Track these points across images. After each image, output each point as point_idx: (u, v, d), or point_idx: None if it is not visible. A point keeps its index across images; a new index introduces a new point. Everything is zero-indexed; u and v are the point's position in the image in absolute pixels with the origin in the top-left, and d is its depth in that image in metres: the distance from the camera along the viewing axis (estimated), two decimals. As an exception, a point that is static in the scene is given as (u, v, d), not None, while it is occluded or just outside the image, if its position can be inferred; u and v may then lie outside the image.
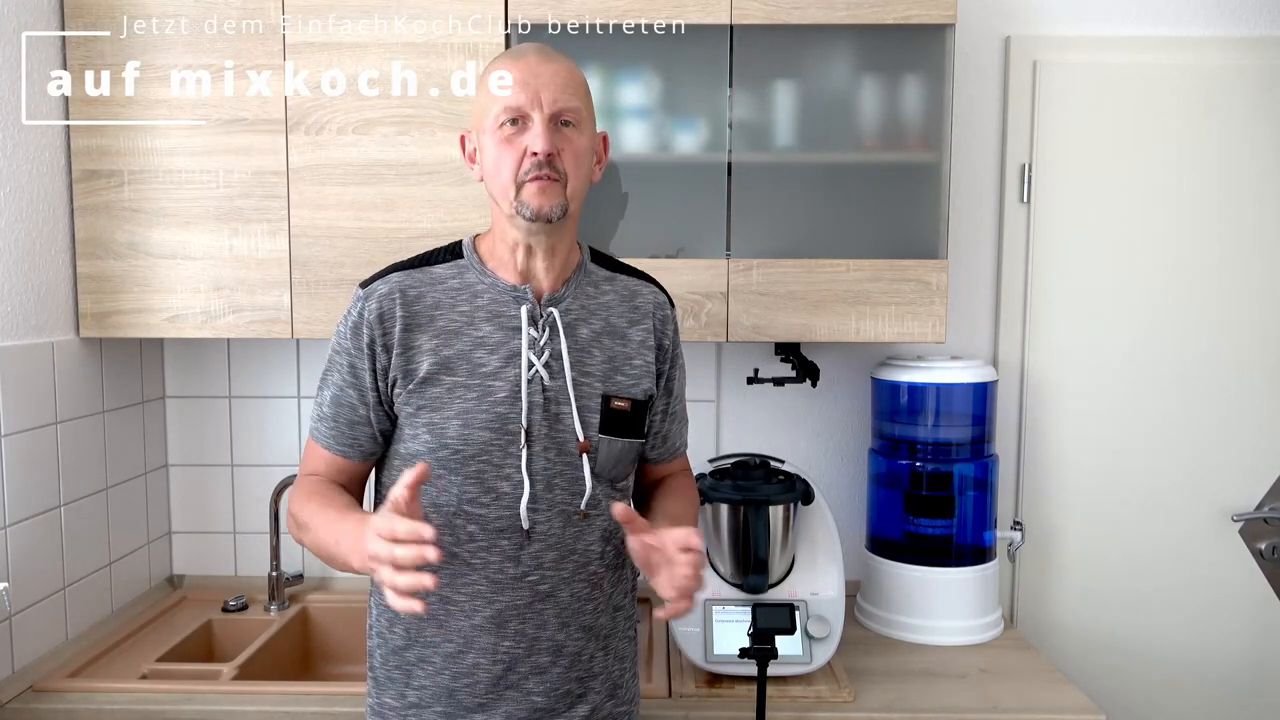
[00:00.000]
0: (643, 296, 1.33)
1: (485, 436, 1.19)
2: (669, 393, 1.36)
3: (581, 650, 1.25)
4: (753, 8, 1.73)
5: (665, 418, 1.37)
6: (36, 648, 1.68)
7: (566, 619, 1.23)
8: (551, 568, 1.22)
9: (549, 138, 1.16)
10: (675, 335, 1.36)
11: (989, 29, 2.08)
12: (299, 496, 1.25)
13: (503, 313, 1.23)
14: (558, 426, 1.22)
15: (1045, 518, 2.16)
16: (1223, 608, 2.16)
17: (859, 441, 2.16)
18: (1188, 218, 2.10)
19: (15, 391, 1.63)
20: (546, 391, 1.22)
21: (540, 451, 1.21)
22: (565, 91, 1.18)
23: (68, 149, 1.78)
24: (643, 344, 1.30)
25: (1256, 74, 2.07)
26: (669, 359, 1.34)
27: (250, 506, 2.14)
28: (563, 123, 1.18)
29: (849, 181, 1.82)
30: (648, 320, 1.31)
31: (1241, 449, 2.13)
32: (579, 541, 1.24)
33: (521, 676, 1.22)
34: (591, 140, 1.24)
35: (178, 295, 1.79)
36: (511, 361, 1.21)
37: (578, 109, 1.19)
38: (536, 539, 1.21)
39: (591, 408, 1.24)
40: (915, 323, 1.80)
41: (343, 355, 1.24)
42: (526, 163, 1.17)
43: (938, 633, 1.86)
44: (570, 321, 1.25)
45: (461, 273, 1.26)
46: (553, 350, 1.23)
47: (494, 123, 1.18)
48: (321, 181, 1.77)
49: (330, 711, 1.55)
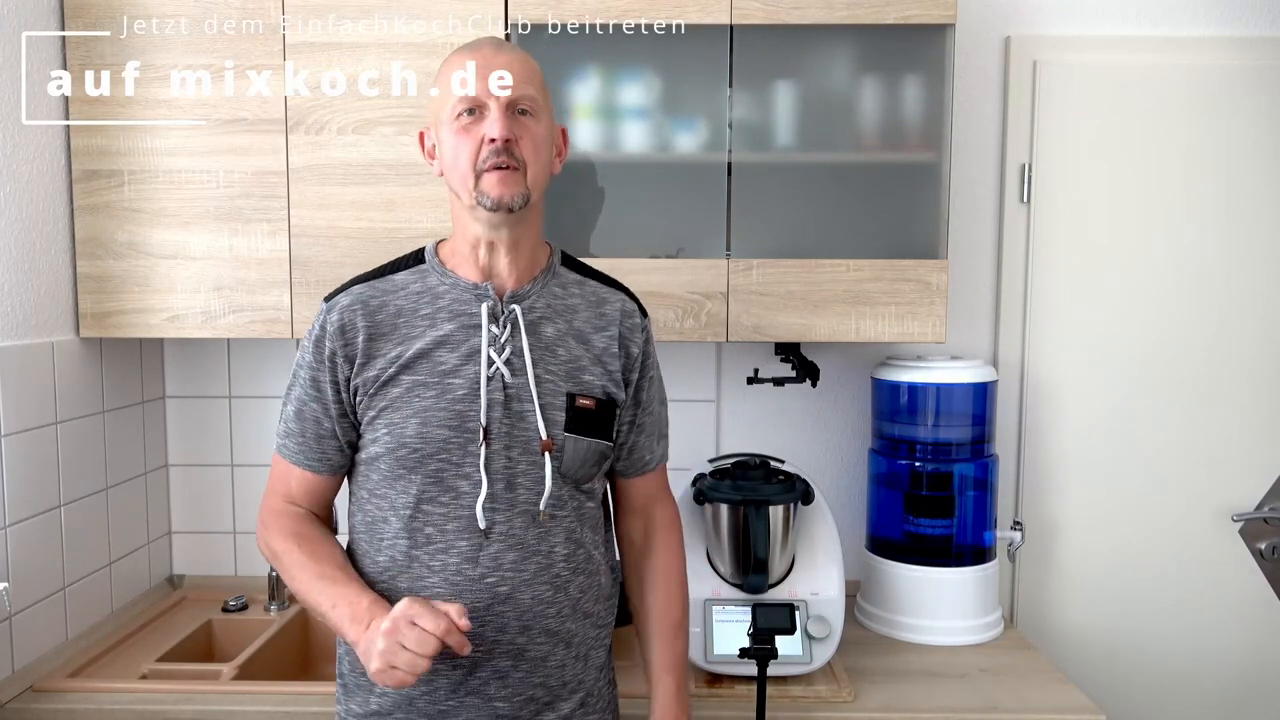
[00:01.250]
0: (610, 304, 1.31)
1: (443, 434, 1.18)
2: (637, 403, 1.32)
3: (547, 656, 1.23)
4: (753, 8, 1.73)
5: (632, 428, 1.33)
6: (36, 648, 1.68)
7: (528, 622, 1.21)
8: (511, 569, 1.20)
9: (506, 124, 1.16)
10: (647, 345, 1.33)
11: (989, 29, 2.08)
12: (279, 531, 1.24)
13: (464, 310, 1.22)
14: (520, 425, 1.20)
15: (1045, 518, 2.16)
16: (1223, 608, 2.16)
17: (859, 441, 2.16)
18: (1188, 217, 2.10)
19: (15, 391, 1.63)
20: (508, 389, 1.20)
21: (500, 450, 1.19)
22: (521, 80, 1.18)
23: (68, 149, 1.78)
24: (606, 350, 1.27)
25: (1257, 74, 2.07)
26: (638, 367, 1.31)
27: (250, 506, 2.14)
28: (519, 111, 1.19)
29: (849, 181, 1.82)
30: (613, 327, 1.29)
31: (1241, 449, 2.13)
32: (542, 543, 1.21)
33: (482, 681, 1.20)
34: (549, 129, 1.23)
35: (178, 295, 1.79)
36: (472, 359, 1.20)
37: (533, 97, 1.20)
38: (495, 539, 1.19)
39: (556, 405, 1.22)
40: (915, 323, 1.80)
41: (305, 369, 1.24)
42: (485, 150, 1.17)
43: (938, 633, 1.86)
44: (534, 320, 1.23)
45: (423, 277, 1.25)
46: (514, 347, 1.21)
47: (451, 114, 1.19)
48: (321, 181, 1.77)
49: (330, 711, 1.54)
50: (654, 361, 1.36)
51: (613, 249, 1.80)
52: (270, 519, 1.27)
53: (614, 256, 1.76)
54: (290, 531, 1.24)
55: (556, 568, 1.23)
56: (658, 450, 1.39)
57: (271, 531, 1.25)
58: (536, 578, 1.21)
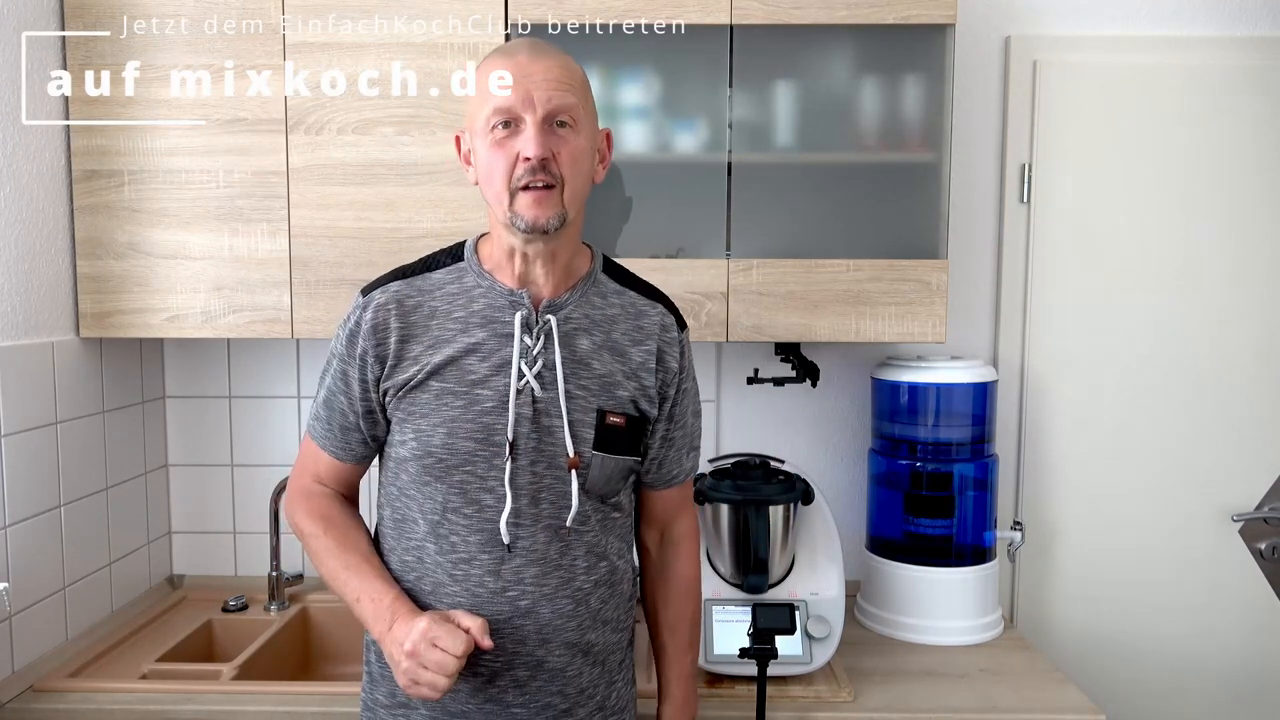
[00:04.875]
0: (649, 317, 1.27)
1: (469, 446, 1.16)
2: (670, 419, 1.30)
3: (565, 666, 1.22)
4: (753, 8, 1.73)
5: (663, 444, 1.31)
6: (36, 648, 1.68)
7: (547, 635, 1.20)
8: (533, 584, 1.19)
9: (542, 141, 1.10)
10: (683, 358, 1.30)
11: (989, 29, 2.08)
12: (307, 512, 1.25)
13: (497, 318, 1.19)
14: (548, 439, 1.18)
15: (1045, 518, 2.16)
16: (1222, 608, 2.16)
17: (859, 441, 2.16)
18: (1188, 217, 2.10)
19: (15, 391, 1.63)
20: (537, 403, 1.18)
21: (526, 465, 1.17)
22: (559, 89, 1.12)
23: (68, 149, 1.78)
24: (642, 365, 1.24)
25: (1257, 74, 2.07)
26: (674, 383, 1.28)
27: (250, 506, 2.14)
28: (558, 123, 1.12)
29: (849, 181, 1.82)
30: (651, 341, 1.26)
31: (1241, 449, 2.13)
32: (564, 557, 1.21)
33: (500, 690, 1.20)
34: (591, 140, 1.18)
35: (178, 295, 1.79)
36: (502, 370, 1.17)
37: (573, 107, 1.13)
38: (518, 554, 1.18)
39: (586, 423, 1.19)
40: (915, 323, 1.80)
41: (337, 360, 1.24)
42: (520, 168, 1.11)
43: (938, 633, 1.86)
44: (570, 331, 1.20)
45: (460, 276, 1.23)
46: (546, 360, 1.18)
47: (485, 125, 1.13)
48: (321, 181, 1.77)
49: (330, 711, 1.55)
50: (690, 373, 1.33)
51: (616, 252, 1.80)
52: (299, 498, 1.28)
53: (614, 256, 1.75)
54: (319, 514, 1.24)
55: (578, 581, 1.22)
56: (686, 464, 1.37)
57: (299, 511, 1.26)
58: (558, 592, 1.20)
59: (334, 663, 2.03)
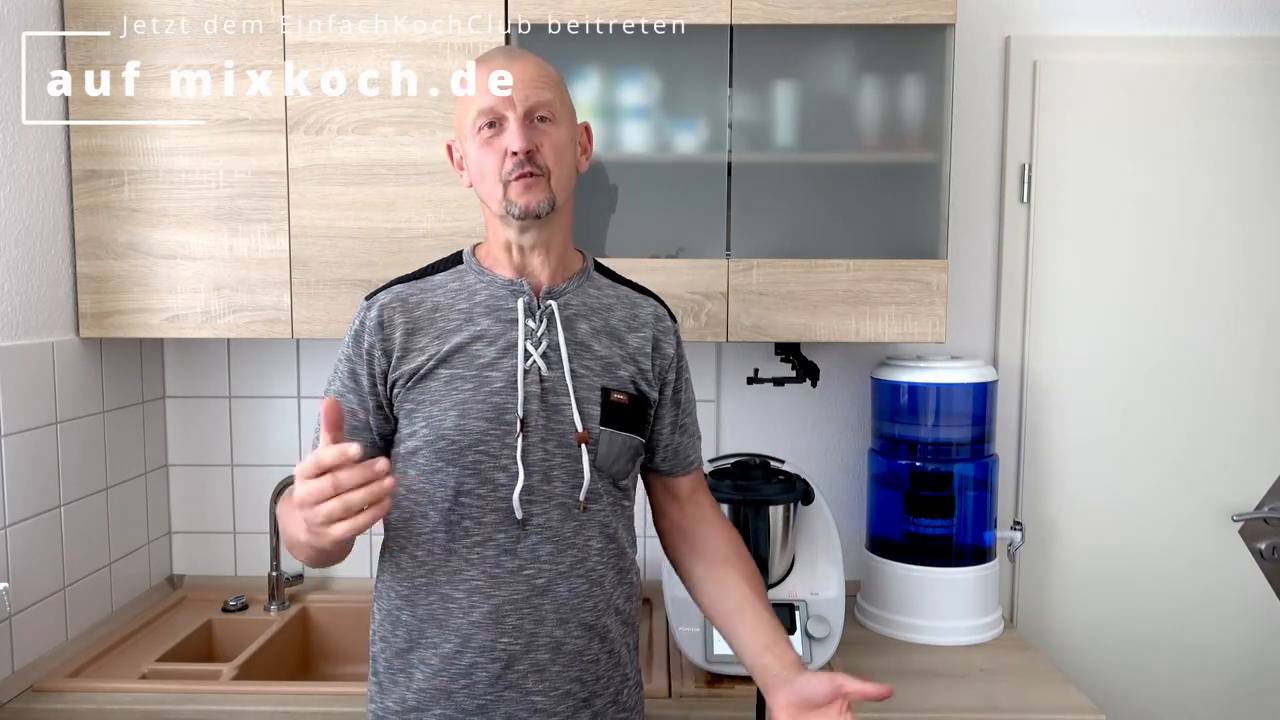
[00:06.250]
0: (643, 308, 1.34)
1: (481, 426, 1.20)
2: (677, 404, 1.36)
3: (583, 650, 1.24)
4: (753, 8, 1.73)
5: (675, 430, 1.36)
6: (36, 648, 1.68)
7: (565, 615, 1.22)
8: (549, 561, 1.22)
9: (524, 135, 1.18)
10: (679, 347, 1.37)
11: (989, 29, 2.08)
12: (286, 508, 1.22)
13: (500, 306, 1.25)
14: (556, 417, 1.22)
15: (1045, 518, 2.16)
16: (1223, 608, 2.16)
17: (859, 441, 2.16)
18: (1188, 217, 2.10)
19: (15, 391, 1.63)
20: (544, 382, 1.22)
21: (537, 442, 1.21)
22: (536, 87, 1.20)
23: (68, 149, 1.78)
24: (639, 350, 1.30)
25: (1257, 74, 2.07)
26: (674, 368, 1.34)
27: (250, 506, 2.15)
28: (538, 118, 1.20)
29: (849, 181, 1.82)
30: (646, 329, 1.32)
31: (1241, 449, 2.13)
32: (578, 535, 1.24)
33: (520, 675, 1.21)
34: (570, 132, 1.25)
35: (178, 295, 1.79)
36: (509, 353, 1.22)
37: (550, 102, 1.21)
38: (533, 531, 1.21)
39: (591, 400, 1.24)
40: (915, 323, 1.80)
41: (344, 362, 1.26)
42: (508, 163, 1.19)
43: (938, 633, 1.86)
44: (570, 316, 1.26)
45: (461, 276, 1.29)
46: (550, 341, 1.24)
47: (472, 127, 1.21)
48: (322, 181, 1.77)
49: (330, 711, 1.55)
50: (686, 364, 1.39)
51: (609, 248, 1.80)
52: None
53: (614, 256, 1.76)
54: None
55: (591, 561, 1.24)
56: (698, 451, 1.43)
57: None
58: (573, 570, 1.23)
59: (334, 663, 2.03)
